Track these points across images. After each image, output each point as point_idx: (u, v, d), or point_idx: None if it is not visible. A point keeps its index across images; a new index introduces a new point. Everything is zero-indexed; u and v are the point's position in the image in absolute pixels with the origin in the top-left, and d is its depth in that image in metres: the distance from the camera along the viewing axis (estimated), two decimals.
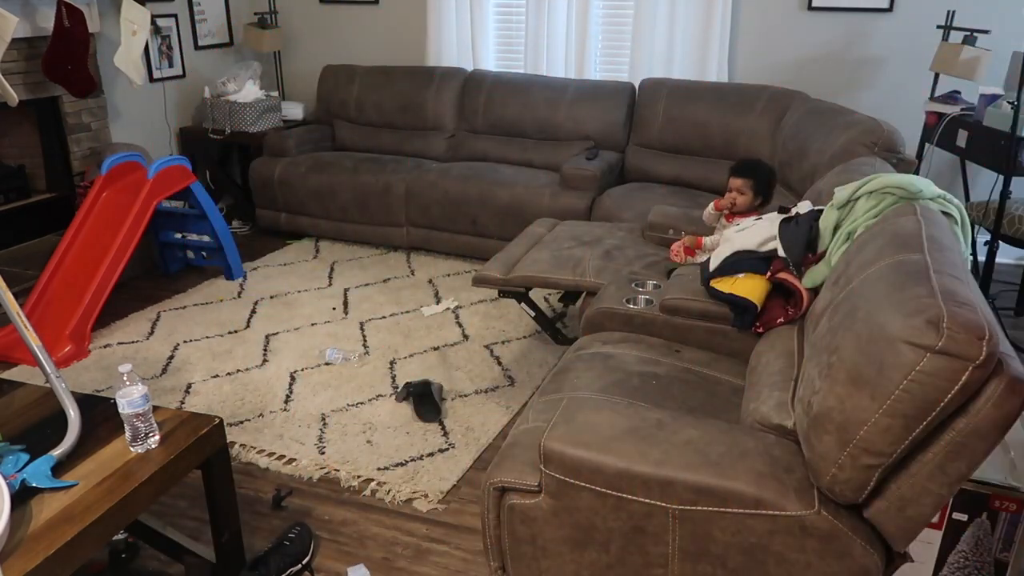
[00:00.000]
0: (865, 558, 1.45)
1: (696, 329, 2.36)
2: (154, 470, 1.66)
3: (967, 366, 1.26)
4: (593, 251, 3.04)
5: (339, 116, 5.02)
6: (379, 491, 2.43)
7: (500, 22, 4.82)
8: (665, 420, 1.65)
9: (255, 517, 2.33)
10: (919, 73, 4.09)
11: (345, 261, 4.36)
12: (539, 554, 1.69)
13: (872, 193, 2.04)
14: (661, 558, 1.58)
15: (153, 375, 3.13)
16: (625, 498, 1.55)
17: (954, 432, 1.32)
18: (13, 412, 1.86)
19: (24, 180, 4.21)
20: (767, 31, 4.34)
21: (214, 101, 4.84)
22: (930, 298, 1.35)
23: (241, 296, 3.89)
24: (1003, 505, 1.77)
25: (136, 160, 3.77)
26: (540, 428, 1.82)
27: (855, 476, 1.41)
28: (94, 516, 1.52)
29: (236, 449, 2.63)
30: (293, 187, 4.53)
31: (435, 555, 2.18)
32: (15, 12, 3.65)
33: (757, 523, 1.48)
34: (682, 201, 3.80)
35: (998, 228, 3.35)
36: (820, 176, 2.87)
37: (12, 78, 3.78)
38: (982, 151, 3.39)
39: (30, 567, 1.38)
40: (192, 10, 4.95)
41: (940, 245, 1.62)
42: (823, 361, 1.53)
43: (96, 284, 3.35)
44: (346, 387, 3.03)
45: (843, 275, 1.78)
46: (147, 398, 1.70)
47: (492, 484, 1.71)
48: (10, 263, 3.83)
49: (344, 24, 5.21)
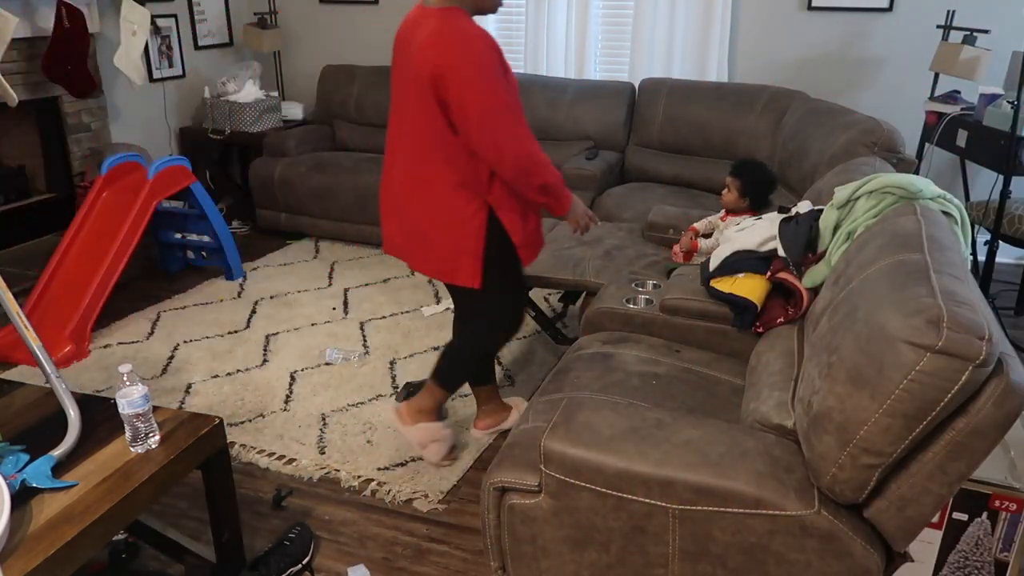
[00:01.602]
0: (865, 558, 1.45)
1: (696, 329, 2.36)
2: (154, 470, 1.66)
3: (967, 366, 1.26)
4: (593, 251, 3.04)
5: (339, 116, 5.02)
6: (379, 491, 2.43)
7: (500, 22, 4.82)
8: (665, 420, 1.65)
9: (255, 517, 2.33)
10: (919, 73, 4.09)
11: (345, 261, 4.37)
12: (539, 554, 1.69)
13: (872, 193, 2.04)
14: (661, 558, 1.58)
15: (153, 375, 3.13)
16: (625, 498, 1.55)
17: (954, 432, 1.32)
18: (13, 412, 1.86)
19: (24, 180, 4.21)
20: (767, 31, 4.34)
21: (214, 101, 4.84)
22: (930, 298, 1.35)
23: (241, 296, 3.89)
24: (1003, 505, 1.77)
25: (136, 160, 3.77)
26: (540, 428, 1.82)
27: (855, 476, 1.41)
28: (94, 516, 1.52)
29: (236, 449, 2.63)
30: (293, 187, 4.53)
31: (435, 555, 2.18)
32: (15, 12, 3.65)
33: (757, 523, 1.48)
34: (682, 201, 3.80)
35: (998, 228, 3.35)
36: (820, 176, 2.87)
37: (12, 78, 3.78)
38: (982, 151, 3.39)
39: (30, 567, 1.38)
40: (192, 10, 4.95)
41: (940, 245, 1.62)
42: (823, 361, 1.53)
43: (96, 284, 3.35)
44: (346, 387, 3.03)
45: (843, 275, 1.78)
46: (147, 398, 1.70)
47: (492, 484, 1.71)
48: (10, 263, 3.83)
49: (344, 24, 5.21)
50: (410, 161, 2.21)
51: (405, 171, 2.23)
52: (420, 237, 2.26)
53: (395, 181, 2.28)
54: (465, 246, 2.21)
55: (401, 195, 2.27)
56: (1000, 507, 1.77)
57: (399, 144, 2.24)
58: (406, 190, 2.25)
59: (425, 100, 2.07)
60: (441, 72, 2.00)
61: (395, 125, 2.26)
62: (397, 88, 2.22)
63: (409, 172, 2.22)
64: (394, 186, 2.29)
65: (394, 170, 2.28)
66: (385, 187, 2.34)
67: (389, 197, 2.32)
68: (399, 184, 2.27)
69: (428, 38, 2.03)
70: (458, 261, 2.23)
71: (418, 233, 2.26)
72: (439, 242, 2.23)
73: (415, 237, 2.28)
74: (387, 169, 2.32)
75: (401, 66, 2.18)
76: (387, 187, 2.33)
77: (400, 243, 2.34)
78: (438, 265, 2.27)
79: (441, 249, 2.24)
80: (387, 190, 2.33)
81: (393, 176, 2.29)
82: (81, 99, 4.18)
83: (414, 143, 2.18)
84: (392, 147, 2.28)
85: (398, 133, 2.25)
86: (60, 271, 3.47)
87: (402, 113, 2.20)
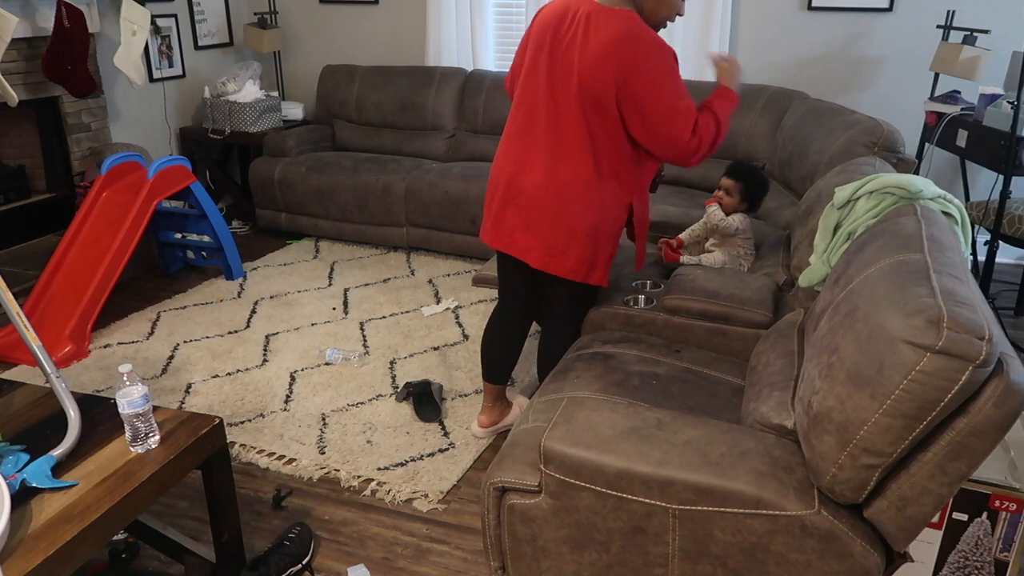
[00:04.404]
0: (865, 558, 1.45)
1: (696, 329, 2.36)
2: (154, 470, 1.66)
3: (967, 366, 1.26)
4: None
5: (339, 116, 5.02)
6: (379, 491, 2.43)
7: (500, 22, 4.82)
8: (665, 420, 1.65)
9: (255, 517, 2.33)
10: (919, 73, 4.09)
11: (345, 261, 4.36)
12: (539, 554, 1.69)
13: (872, 193, 2.04)
14: (661, 558, 1.58)
15: (153, 375, 3.13)
16: (625, 498, 1.55)
17: (954, 432, 1.32)
18: (13, 412, 1.86)
19: (24, 180, 4.21)
20: (767, 31, 4.34)
21: (214, 101, 4.84)
22: (930, 298, 1.35)
23: (241, 296, 3.89)
24: (1003, 505, 1.77)
25: (136, 160, 3.77)
26: (540, 428, 1.82)
27: (855, 476, 1.41)
28: (94, 516, 1.52)
29: (236, 449, 2.63)
30: (293, 187, 4.53)
31: (435, 555, 2.18)
32: (15, 12, 3.65)
33: (757, 523, 1.48)
34: (682, 201, 3.80)
35: (998, 228, 3.35)
36: (820, 176, 2.87)
37: (12, 78, 3.79)
38: (982, 151, 3.39)
39: (30, 567, 1.38)
40: (192, 10, 4.95)
41: (940, 245, 1.62)
42: (823, 361, 1.53)
43: (96, 284, 3.35)
44: (346, 387, 3.03)
45: (843, 275, 1.78)
46: (147, 398, 1.70)
47: (492, 484, 1.71)
48: (10, 263, 3.83)
49: (344, 24, 5.21)
50: (554, 156, 2.15)
51: (546, 165, 2.17)
52: (563, 232, 2.20)
53: (527, 173, 2.21)
54: (605, 247, 2.23)
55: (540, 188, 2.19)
56: (1000, 507, 1.77)
57: (535, 137, 2.18)
58: (547, 185, 2.18)
59: (594, 101, 2.05)
60: (625, 77, 1.99)
61: (534, 116, 2.18)
62: (544, 79, 2.14)
63: (552, 166, 2.16)
64: (525, 179, 2.21)
65: (528, 163, 2.20)
66: (510, 179, 2.25)
67: (514, 191, 2.24)
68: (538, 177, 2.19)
69: (609, 44, 2.00)
70: (596, 259, 2.24)
71: (559, 228, 2.20)
72: (581, 240, 2.19)
73: (551, 231, 2.21)
74: (516, 160, 2.23)
75: (553, 57, 2.11)
76: (513, 179, 2.25)
77: (522, 239, 2.27)
78: (576, 265, 2.24)
79: (581, 249, 2.21)
80: (512, 183, 2.25)
81: (525, 168, 2.21)
82: (81, 99, 4.18)
83: (562, 137, 2.13)
84: (525, 140, 2.21)
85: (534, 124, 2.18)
86: (60, 271, 3.47)
87: (551, 105, 2.13)
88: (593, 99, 2.05)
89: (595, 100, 2.05)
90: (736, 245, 2.87)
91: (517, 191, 2.23)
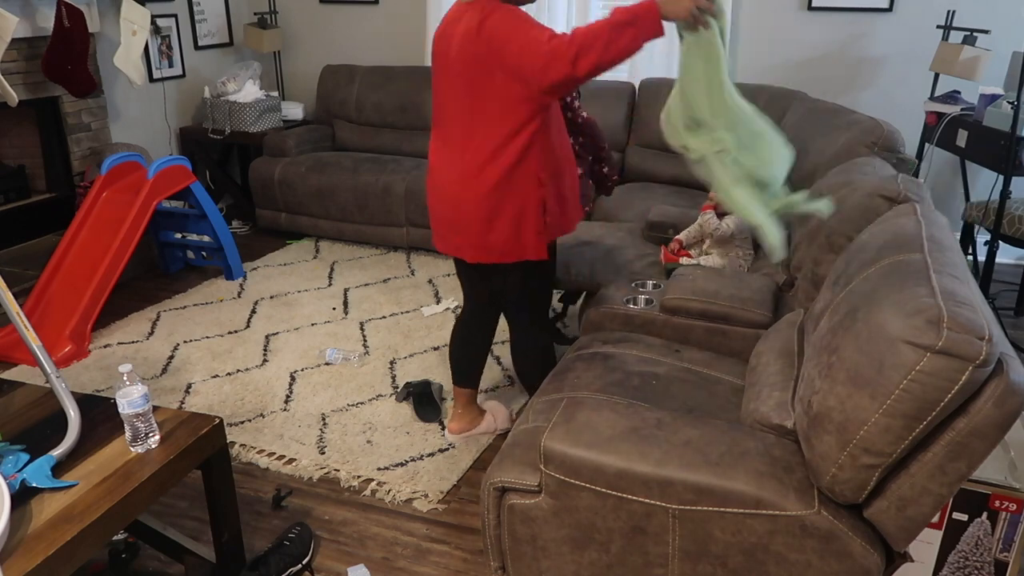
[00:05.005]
0: (865, 558, 1.45)
1: (696, 329, 2.36)
2: (154, 470, 1.66)
3: (967, 366, 1.26)
4: (593, 251, 3.04)
5: (339, 116, 5.02)
6: (379, 491, 2.43)
7: None
8: (665, 420, 1.65)
9: (255, 517, 2.33)
10: (919, 73, 4.09)
11: (345, 261, 4.36)
12: (539, 554, 1.69)
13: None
14: (661, 558, 1.58)
15: (153, 375, 3.13)
16: (625, 498, 1.55)
17: (954, 432, 1.32)
18: (13, 412, 1.86)
19: (24, 180, 4.21)
20: (767, 31, 4.34)
21: (214, 101, 4.84)
22: (930, 298, 1.35)
23: (241, 296, 3.89)
24: (1003, 505, 1.77)
25: (136, 160, 3.77)
26: (540, 428, 1.82)
27: (855, 476, 1.41)
28: (94, 516, 1.52)
29: (236, 449, 2.63)
30: (293, 187, 4.53)
31: (435, 555, 2.18)
32: (15, 12, 3.65)
33: (757, 523, 1.48)
34: (682, 201, 3.80)
35: (998, 228, 3.35)
36: (820, 176, 2.87)
37: (12, 78, 3.78)
38: (982, 151, 3.39)
39: (30, 567, 1.38)
40: (192, 10, 4.95)
41: (940, 245, 1.62)
42: (823, 361, 1.53)
43: (96, 284, 3.35)
44: (346, 387, 3.03)
45: (843, 275, 1.78)
46: (147, 398, 1.70)
47: (492, 484, 1.71)
48: (10, 263, 3.83)
49: (344, 24, 5.21)
50: (459, 149, 2.19)
51: (453, 161, 2.21)
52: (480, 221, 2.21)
53: (443, 173, 2.25)
54: (529, 221, 2.20)
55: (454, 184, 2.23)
56: (1000, 507, 1.77)
57: (444, 138, 2.23)
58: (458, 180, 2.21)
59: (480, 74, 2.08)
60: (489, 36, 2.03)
61: (443, 120, 2.24)
62: (443, 81, 2.20)
63: (458, 160, 2.19)
64: (442, 179, 2.25)
65: (443, 163, 2.25)
66: (434, 183, 2.30)
67: (437, 194, 2.29)
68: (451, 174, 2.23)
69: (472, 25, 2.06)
70: (523, 235, 2.21)
71: (476, 218, 2.21)
72: (502, 222, 2.19)
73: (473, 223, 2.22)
74: (435, 164, 2.28)
75: (442, 65, 2.19)
76: (435, 183, 2.29)
77: (454, 239, 2.29)
78: (504, 246, 2.22)
79: (504, 230, 2.20)
80: (435, 187, 2.29)
81: (442, 169, 2.26)
82: (81, 99, 4.18)
83: (462, 130, 2.17)
84: (438, 143, 2.26)
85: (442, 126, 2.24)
86: (60, 271, 3.47)
87: (452, 100, 2.18)
88: (475, 77, 2.08)
89: (477, 76, 2.08)
90: (733, 247, 2.87)
91: (440, 194, 2.28)
